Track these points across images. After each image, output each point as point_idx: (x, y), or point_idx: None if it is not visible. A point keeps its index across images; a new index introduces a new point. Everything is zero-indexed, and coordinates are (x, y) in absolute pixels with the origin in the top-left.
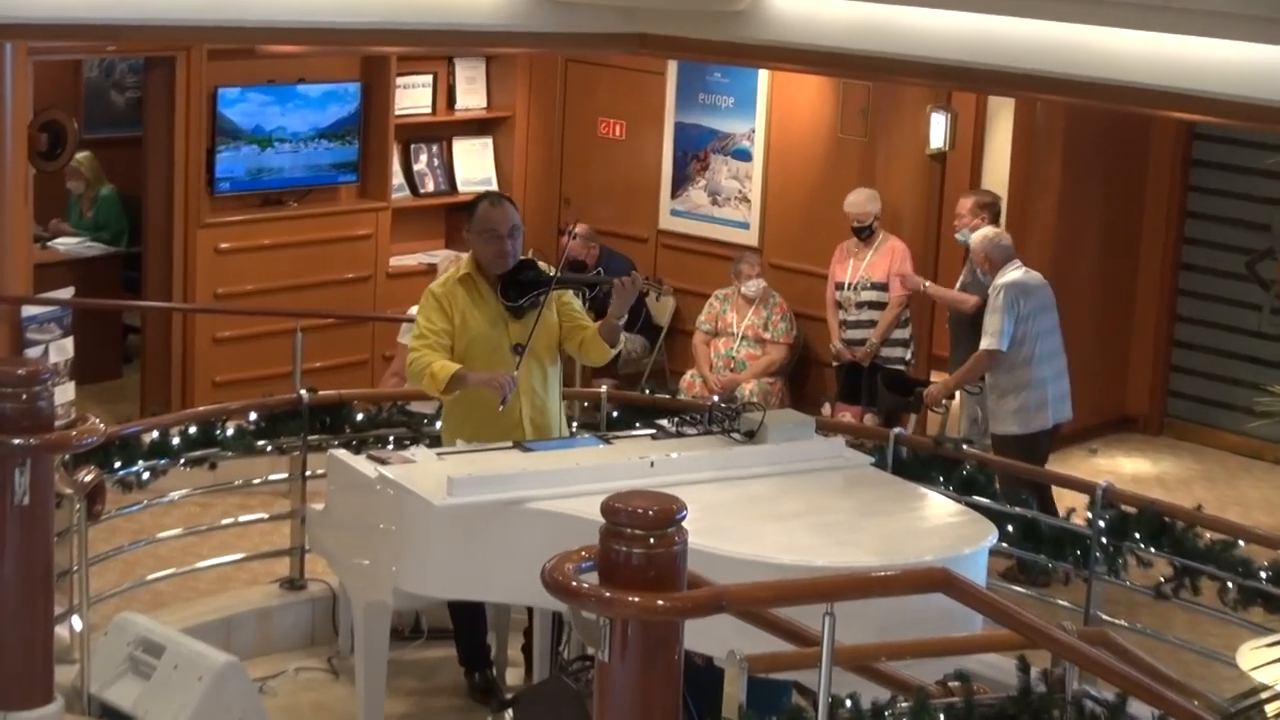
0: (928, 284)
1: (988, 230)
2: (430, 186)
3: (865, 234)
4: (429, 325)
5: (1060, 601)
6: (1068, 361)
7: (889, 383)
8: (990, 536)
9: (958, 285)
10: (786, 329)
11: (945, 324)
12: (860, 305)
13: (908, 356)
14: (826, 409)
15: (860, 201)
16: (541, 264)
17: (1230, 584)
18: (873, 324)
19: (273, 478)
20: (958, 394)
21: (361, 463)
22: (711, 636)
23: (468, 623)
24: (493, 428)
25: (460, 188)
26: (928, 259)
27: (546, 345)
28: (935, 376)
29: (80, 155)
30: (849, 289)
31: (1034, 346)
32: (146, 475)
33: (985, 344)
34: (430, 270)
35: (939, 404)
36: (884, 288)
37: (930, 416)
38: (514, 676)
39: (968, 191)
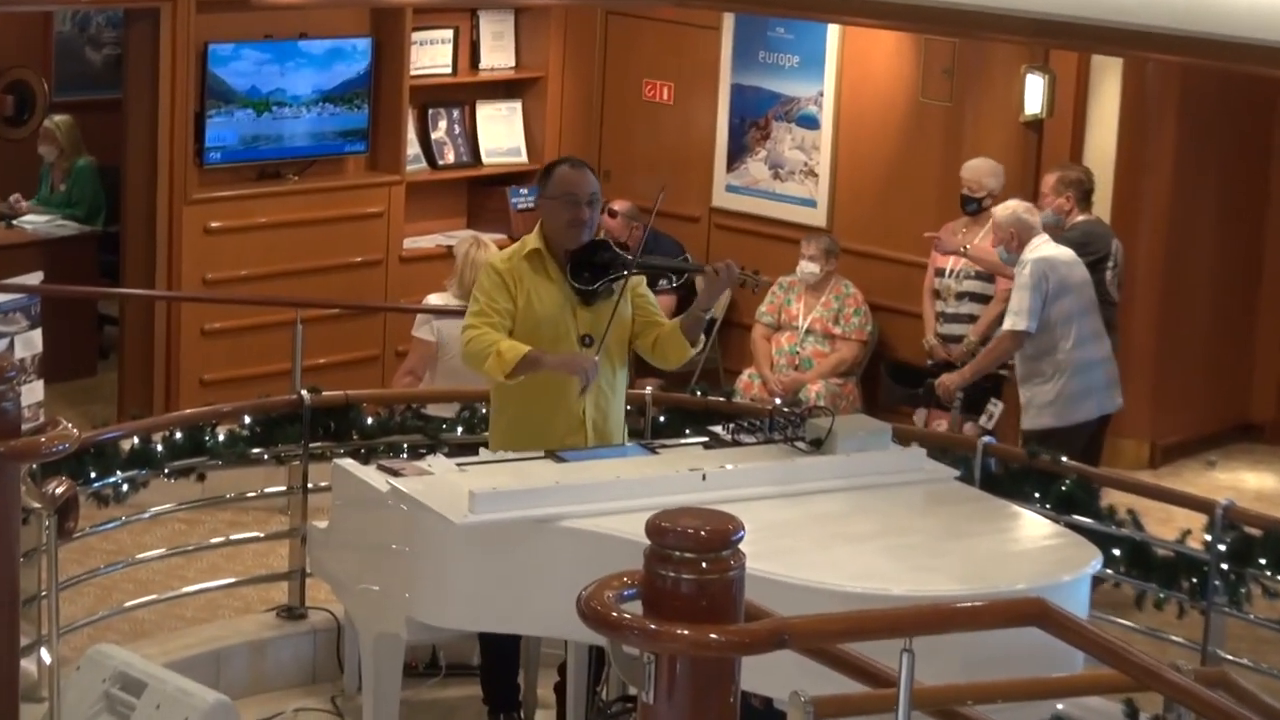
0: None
1: (1013, 203)
2: (450, 158)
3: (973, 207)
4: (490, 303)
5: (1174, 637)
6: (1113, 347)
7: (894, 372)
8: (1093, 562)
9: None
10: (860, 323)
11: None
12: (960, 296)
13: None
14: (921, 415)
15: (980, 169)
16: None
17: None
18: (973, 319)
19: (269, 491)
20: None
21: (371, 474)
22: (772, 675)
23: (499, 657)
24: (552, 429)
25: (485, 159)
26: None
27: (619, 340)
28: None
29: (58, 118)
30: (949, 276)
31: (1073, 327)
32: (125, 487)
33: (1009, 324)
34: (448, 254)
35: (953, 396)
36: (990, 278)
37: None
38: (544, 719)
39: (1055, 166)
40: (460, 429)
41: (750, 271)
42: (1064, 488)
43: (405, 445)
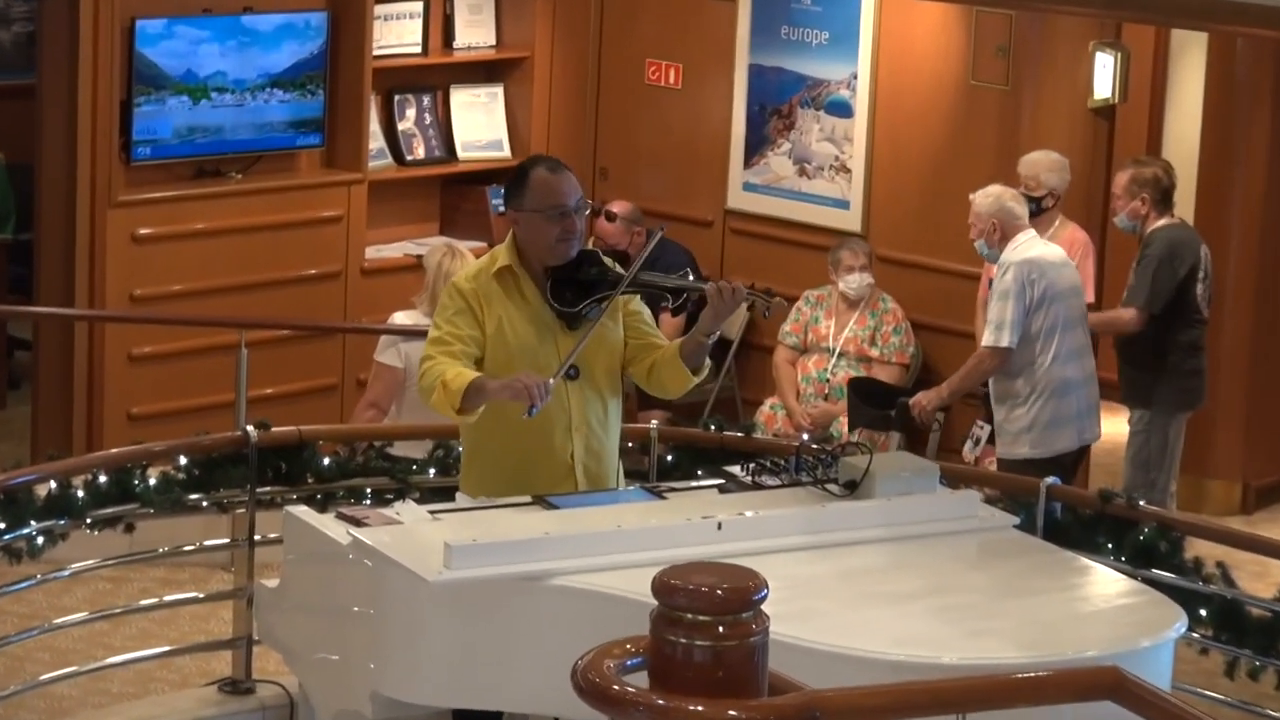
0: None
1: (994, 188)
2: (420, 153)
3: (1032, 209)
4: (451, 330)
5: (1270, 712)
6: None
7: (861, 391)
8: (1177, 624)
9: (1126, 289)
10: (901, 343)
11: (1111, 340)
12: None
13: None
14: (969, 449)
15: (1040, 164)
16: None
17: None
18: None
19: (209, 544)
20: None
21: (329, 524)
22: None
23: None
24: (535, 476)
25: (460, 154)
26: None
27: (607, 368)
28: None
29: None
30: None
31: (1052, 343)
32: (40, 540)
33: (987, 339)
34: (418, 265)
35: (931, 418)
36: None
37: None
38: None
39: (1128, 161)
40: (433, 470)
41: (761, 291)
42: (1142, 537)
43: (369, 490)
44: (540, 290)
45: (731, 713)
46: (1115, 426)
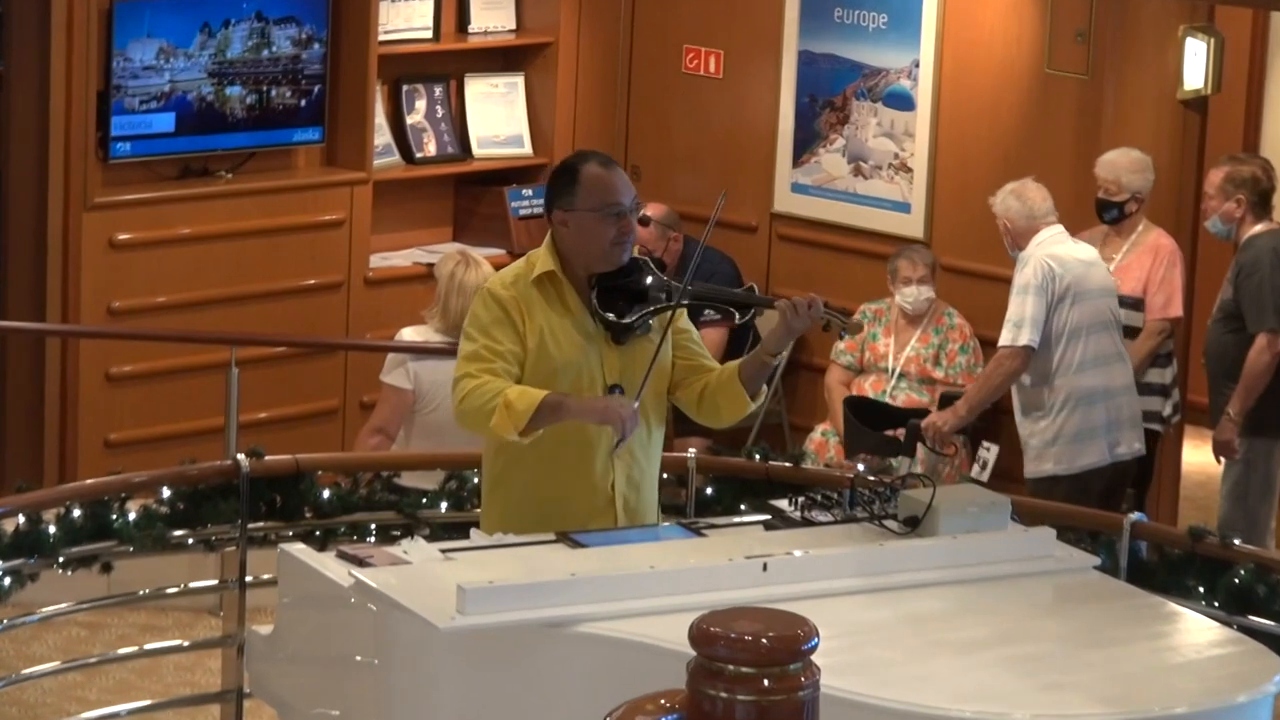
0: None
1: (1007, 186)
2: (431, 149)
3: (1113, 215)
4: (490, 344)
5: None
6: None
7: (861, 411)
8: (1277, 676)
9: (1217, 302)
10: (968, 363)
11: (1200, 358)
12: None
13: (1166, 411)
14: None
15: (1120, 165)
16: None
17: None
18: None
19: (195, 586)
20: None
21: (329, 564)
22: None
23: None
24: (570, 509)
25: (476, 150)
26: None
27: (655, 390)
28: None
29: None
30: None
31: (1077, 346)
32: (8, 581)
33: (1006, 338)
34: (429, 275)
35: (947, 442)
36: (1137, 305)
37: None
38: None
39: (1223, 158)
40: (445, 504)
41: (838, 311)
42: (1238, 580)
43: (374, 526)
44: (584, 299)
45: None
46: (1203, 455)
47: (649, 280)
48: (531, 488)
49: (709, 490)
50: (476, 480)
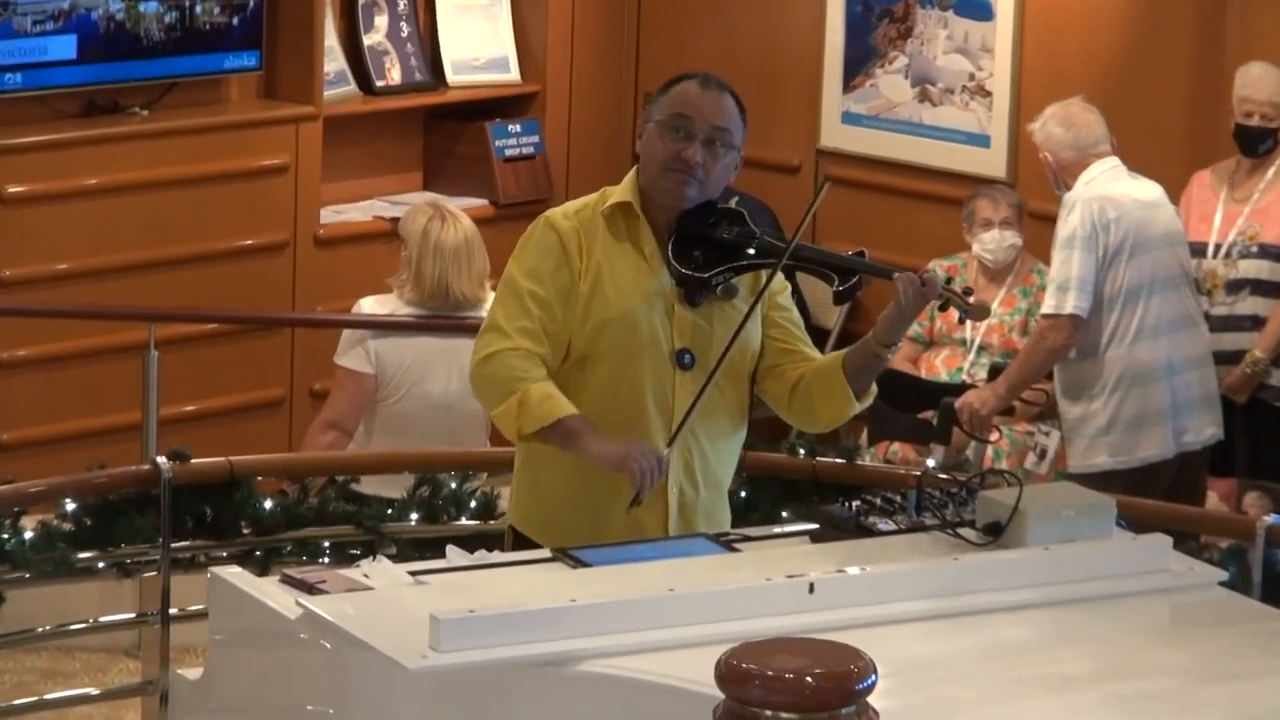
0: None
1: (1054, 107)
2: (395, 77)
3: (1260, 146)
4: (532, 284)
5: None
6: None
7: (891, 390)
8: None
9: None
10: None
11: None
12: (1235, 286)
13: None
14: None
15: (1269, 83)
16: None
17: None
18: (1256, 322)
19: (107, 620)
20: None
21: (271, 591)
22: None
23: None
24: (610, 514)
25: (451, 77)
26: None
27: (737, 372)
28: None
29: None
30: (1217, 255)
31: (1135, 310)
32: None
33: (1050, 304)
34: (393, 231)
35: (986, 426)
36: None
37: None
38: None
39: None
40: (415, 515)
41: (960, 292)
42: None
43: (327, 544)
44: (661, 242)
45: None
46: None
47: (736, 232)
48: (555, 482)
49: (743, 494)
50: (451, 485)
